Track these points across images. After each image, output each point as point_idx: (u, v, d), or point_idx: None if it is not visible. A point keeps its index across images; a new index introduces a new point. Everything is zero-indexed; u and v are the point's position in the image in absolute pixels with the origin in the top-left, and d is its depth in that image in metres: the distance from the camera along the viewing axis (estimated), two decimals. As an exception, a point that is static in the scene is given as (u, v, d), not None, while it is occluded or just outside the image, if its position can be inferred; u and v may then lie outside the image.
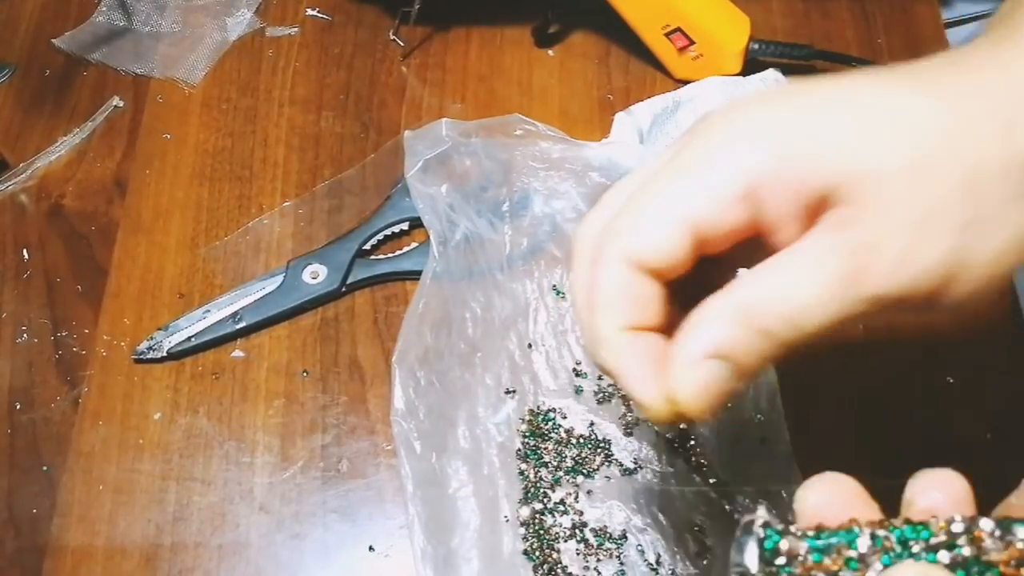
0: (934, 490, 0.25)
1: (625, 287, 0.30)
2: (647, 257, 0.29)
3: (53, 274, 0.54)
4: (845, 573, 0.24)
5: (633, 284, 0.30)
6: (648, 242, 0.29)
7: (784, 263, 0.28)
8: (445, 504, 0.46)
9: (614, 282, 0.30)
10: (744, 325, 0.28)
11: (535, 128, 0.56)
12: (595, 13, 0.58)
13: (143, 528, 0.47)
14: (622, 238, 0.30)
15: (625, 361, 0.30)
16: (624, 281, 0.30)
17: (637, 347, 0.30)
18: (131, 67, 0.61)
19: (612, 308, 0.30)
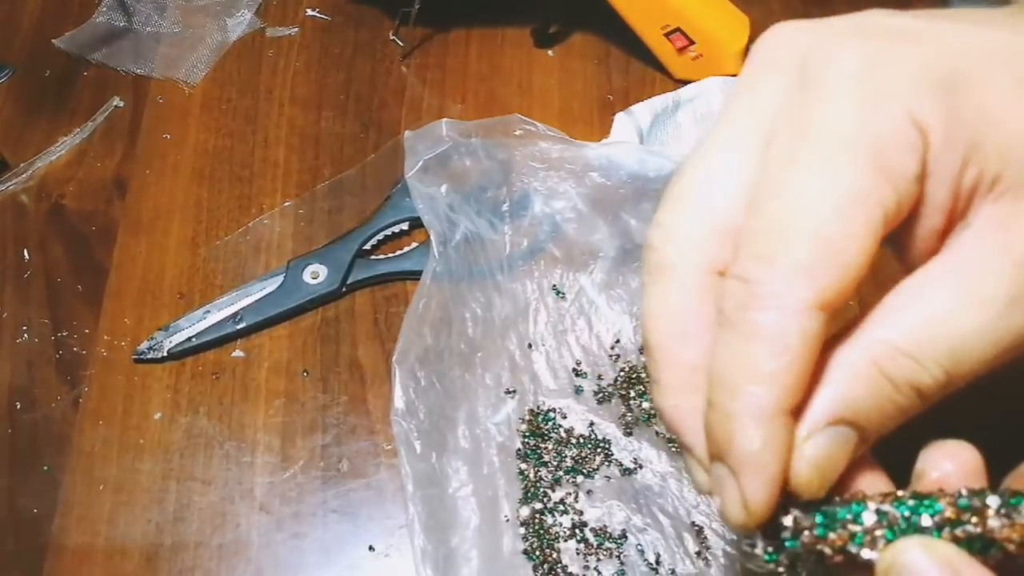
0: (946, 461, 0.24)
1: (809, 346, 0.21)
2: (842, 284, 0.20)
3: (53, 274, 0.54)
4: (851, 547, 0.24)
5: (817, 339, 0.21)
6: (841, 261, 0.20)
7: (931, 283, 0.21)
8: (445, 504, 0.46)
9: (796, 340, 0.21)
10: (880, 376, 0.21)
11: (535, 128, 0.56)
12: (595, 13, 0.58)
13: (143, 528, 0.47)
14: (799, 264, 0.20)
15: (775, 457, 0.22)
16: (809, 337, 0.21)
17: (788, 438, 0.22)
18: (131, 67, 0.61)
19: (782, 380, 0.21)
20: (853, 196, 0.20)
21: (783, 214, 0.21)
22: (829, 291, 0.20)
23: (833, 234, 0.20)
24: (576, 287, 0.53)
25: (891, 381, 0.21)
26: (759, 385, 0.21)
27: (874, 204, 0.20)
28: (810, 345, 0.21)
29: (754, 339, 0.21)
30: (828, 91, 0.21)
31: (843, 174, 0.20)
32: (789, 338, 0.20)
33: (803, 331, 0.21)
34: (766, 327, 0.21)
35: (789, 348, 0.21)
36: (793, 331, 0.21)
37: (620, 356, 0.51)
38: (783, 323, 0.20)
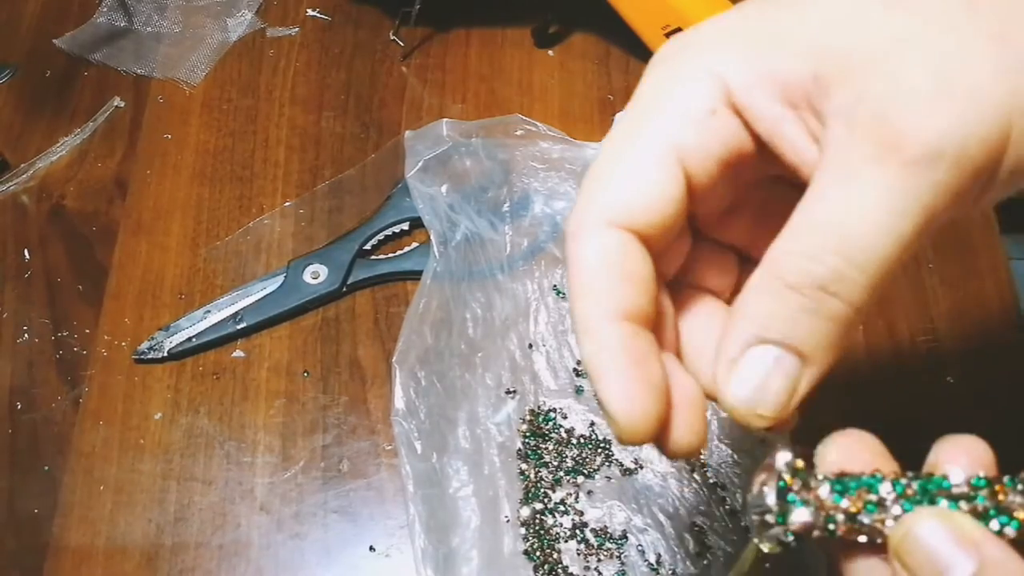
0: (959, 455, 0.24)
1: (611, 258, 0.24)
2: (637, 209, 0.24)
3: (54, 274, 0.54)
4: (864, 516, 0.23)
5: (621, 253, 0.24)
6: (634, 189, 0.24)
7: (812, 189, 0.22)
8: (446, 504, 0.46)
9: (597, 253, 0.24)
10: (783, 286, 0.22)
11: (535, 128, 0.56)
12: (595, 13, 0.58)
13: (144, 528, 0.47)
14: (604, 192, 0.24)
15: (609, 359, 0.24)
16: (612, 250, 0.24)
17: (626, 342, 0.24)
18: (132, 67, 0.61)
19: (596, 289, 0.24)
20: (642, 136, 0.24)
21: (594, 163, 0.25)
22: (618, 211, 0.24)
23: (621, 165, 0.24)
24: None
25: (795, 289, 0.22)
26: (578, 299, 0.24)
27: (664, 140, 0.24)
28: (611, 257, 0.24)
29: (568, 265, 0.25)
30: (652, 70, 0.26)
31: (638, 121, 0.24)
32: (585, 255, 0.24)
33: (599, 247, 0.24)
34: (570, 249, 0.25)
35: (586, 261, 0.24)
36: (587, 249, 0.24)
37: (620, 356, 0.51)
38: (581, 242, 0.24)
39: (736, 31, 0.24)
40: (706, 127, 0.24)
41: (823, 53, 0.22)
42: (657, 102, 0.25)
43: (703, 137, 0.24)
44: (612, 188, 0.24)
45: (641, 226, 0.24)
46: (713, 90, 0.24)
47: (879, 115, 0.21)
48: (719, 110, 0.24)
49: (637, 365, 0.24)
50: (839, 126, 0.22)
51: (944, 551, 0.22)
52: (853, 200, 0.21)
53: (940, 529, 0.22)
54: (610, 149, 0.25)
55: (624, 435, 0.24)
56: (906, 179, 0.21)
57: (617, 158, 0.25)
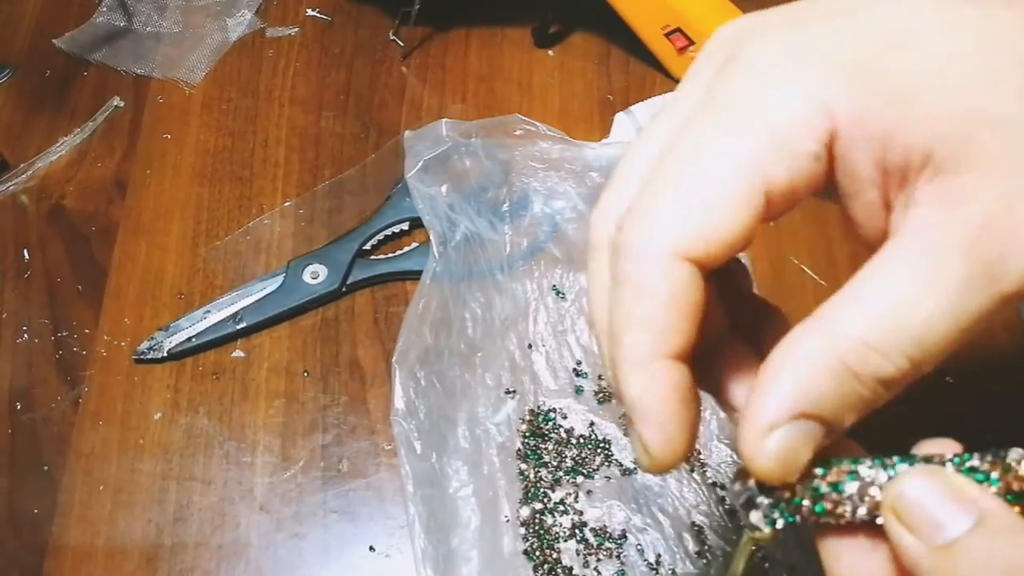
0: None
1: (679, 295, 0.22)
2: (712, 243, 0.21)
3: (54, 274, 0.54)
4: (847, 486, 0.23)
5: (689, 291, 0.22)
6: (713, 220, 0.21)
7: (887, 273, 0.21)
8: (445, 504, 0.46)
9: (664, 286, 0.22)
10: (844, 370, 0.21)
11: (535, 128, 0.56)
12: (595, 13, 0.58)
13: (143, 528, 0.47)
14: (674, 218, 0.22)
15: (659, 400, 0.23)
16: (678, 285, 0.22)
17: (677, 381, 0.23)
18: (132, 67, 0.61)
19: (657, 324, 0.22)
20: (731, 159, 0.21)
21: (662, 172, 0.22)
22: (694, 243, 0.21)
23: (703, 190, 0.21)
24: (576, 287, 0.53)
25: (856, 376, 0.21)
26: (631, 332, 0.22)
27: (755, 171, 0.21)
28: (678, 292, 0.22)
29: (623, 286, 0.22)
30: (737, 70, 0.22)
31: (727, 139, 0.21)
32: (652, 284, 0.22)
33: (666, 277, 0.22)
34: (629, 274, 0.22)
35: (653, 294, 0.22)
36: (655, 277, 0.22)
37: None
38: (644, 269, 0.22)
39: (853, 59, 0.21)
40: (802, 168, 0.21)
41: (943, 125, 0.20)
42: (750, 117, 0.22)
43: (795, 177, 0.21)
44: (690, 217, 0.22)
45: (712, 260, 0.22)
46: (820, 130, 0.21)
47: (988, 228, 0.20)
48: (822, 156, 0.21)
49: (684, 407, 0.23)
50: (937, 215, 0.21)
51: (941, 506, 0.21)
52: (938, 311, 0.21)
53: (934, 485, 0.21)
54: (687, 157, 0.22)
55: (653, 469, 0.23)
56: (991, 305, 0.21)
57: (696, 178, 0.22)
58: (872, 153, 0.21)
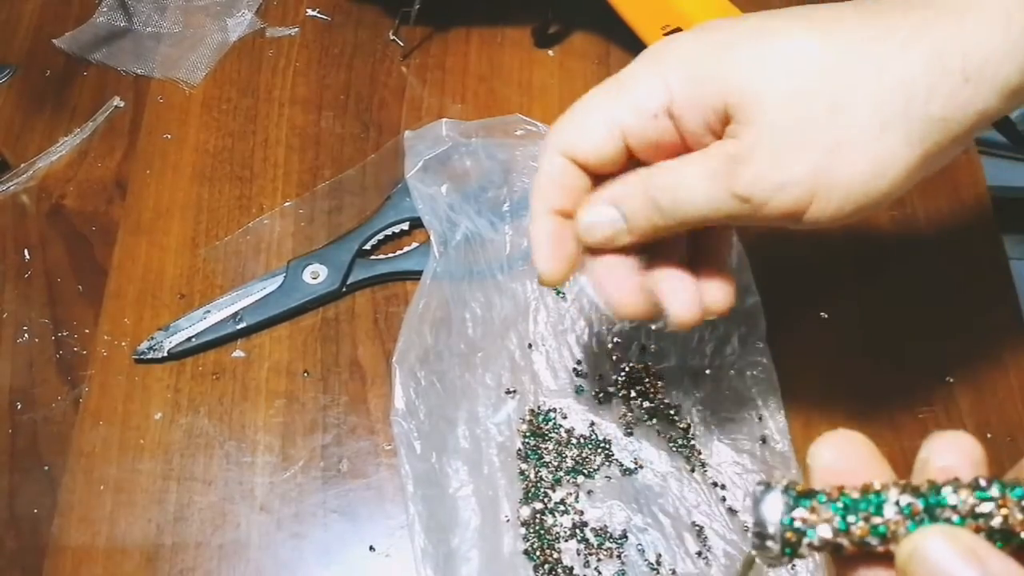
0: (950, 452, 0.25)
1: (558, 175, 0.37)
2: (579, 151, 0.36)
3: (54, 274, 0.54)
4: (872, 539, 0.24)
5: (564, 173, 0.37)
6: (580, 139, 0.36)
7: (682, 160, 0.34)
8: (445, 504, 0.46)
9: (549, 169, 0.37)
10: (641, 192, 0.35)
11: (535, 128, 0.56)
12: (595, 13, 0.58)
13: (144, 528, 0.47)
14: (562, 134, 0.36)
15: (540, 236, 0.37)
16: (558, 169, 0.37)
17: (554, 227, 0.37)
18: (132, 67, 0.61)
19: (544, 191, 0.37)
20: (603, 108, 0.36)
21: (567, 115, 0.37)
22: (567, 146, 0.36)
23: (584, 120, 0.36)
24: (576, 287, 0.52)
25: (644, 192, 0.35)
26: (532, 197, 0.38)
27: (613, 118, 0.35)
28: (556, 172, 0.37)
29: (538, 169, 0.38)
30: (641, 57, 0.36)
31: (604, 98, 0.36)
32: (545, 167, 0.37)
33: (552, 164, 0.37)
34: (540, 160, 0.37)
35: (545, 172, 0.37)
36: (547, 164, 0.37)
37: (620, 356, 0.51)
38: (544, 160, 0.37)
39: (696, 55, 0.34)
40: (646, 122, 0.35)
41: (731, 91, 0.33)
42: (623, 89, 0.35)
43: (641, 126, 0.35)
44: (570, 133, 0.36)
45: (580, 159, 0.36)
46: (661, 98, 0.34)
47: (734, 155, 0.33)
48: (659, 115, 0.34)
49: (558, 244, 0.37)
50: (718, 144, 0.34)
51: (950, 566, 0.23)
52: (697, 177, 0.34)
53: (946, 547, 0.23)
54: (581, 105, 0.36)
55: (544, 282, 0.38)
56: (726, 194, 0.33)
57: (582, 115, 0.36)
58: (699, 115, 0.34)
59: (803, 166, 0.32)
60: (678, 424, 0.49)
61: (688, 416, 0.49)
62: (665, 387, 0.50)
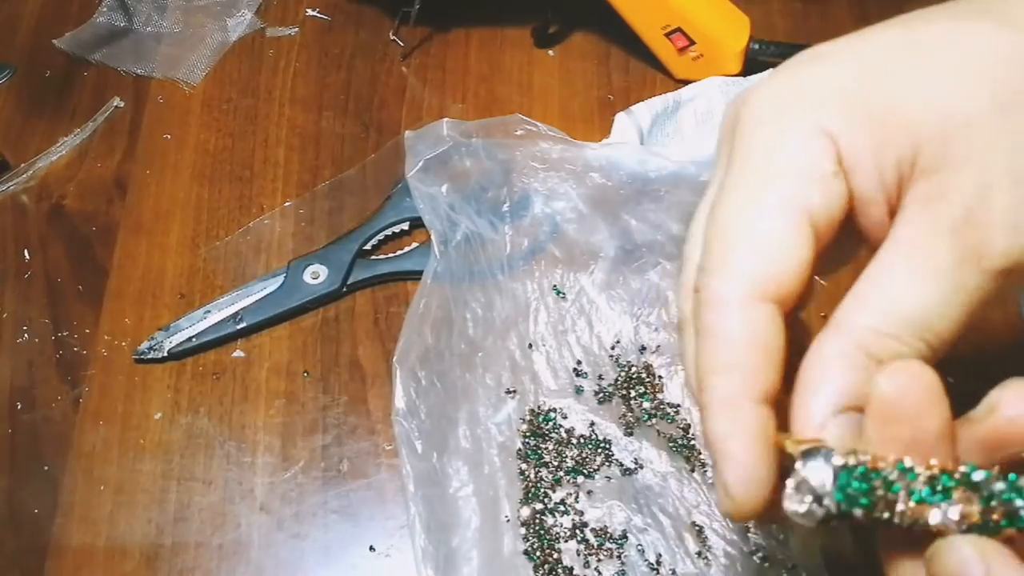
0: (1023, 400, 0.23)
1: (761, 336, 0.24)
2: (782, 279, 0.24)
3: (54, 274, 0.54)
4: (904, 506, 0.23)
5: (770, 331, 0.24)
6: (776, 255, 0.24)
7: (887, 269, 0.23)
8: (446, 504, 0.46)
9: (746, 329, 0.23)
10: (868, 360, 0.23)
11: (535, 128, 0.56)
12: (595, 13, 0.58)
13: (144, 528, 0.47)
14: (742, 262, 0.24)
15: (745, 440, 0.23)
16: (759, 327, 0.24)
17: (763, 426, 0.23)
18: (132, 67, 0.61)
19: (743, 367, 0.24)
20: (774, 200, 0.24)
21: (716, 231, 0.25)
22: (766, 283, 0.24)
23: (760, 234, 0.24)
24: (576, 287, 0.53)
25: (873, 358, 0.23)
26: (717, 375, 0.24)
27: (796, 205, 0.24)
28: (759, 334, 0.24)
29: (707, 336, 0.24)
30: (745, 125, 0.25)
31: (760, 188, 0.24)
32: (734, 330, 0.23)
33: (747, 322, 0.24)
34: (711, 323, 0.24)
35: (737, 339, 0.23)
36: (736, 322, 0.23)
37: (621, 356, 0.51)
38: (724, 316, 0.24)
39: (842, 87, 0.25)
40: (830, 188, 0.24)
41: (923, 132, 0.23)
42: (775, 162, 0.24)
43: (828, 198, 0.24)
44: (757, 257, 0.24)
45: (786, 297, 0.24)
46: (830, 150, 0.24)
47: (968, 218, 0.23)
48: (839, 171, 0.24)
49: (767, 451, 0.24)
50: (924, 212, 0.23)
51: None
52: (937, 295, 0.23)
53: (974, 558, 0.22)
54: (734, 210, 0.24)
55: (735, 515, 0.24)
56: (983, 283, 0.23)
57: (750, 222, 0.24)
58: (873, 163, 0.24)
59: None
60: (678, 424, 0.49)
61: (688, 416, 0.49)
62: (665, 387, 0.50)
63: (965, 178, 0.23)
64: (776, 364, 0.24)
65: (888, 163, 0.24)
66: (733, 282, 0.24)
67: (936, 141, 0.23)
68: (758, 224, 0.24)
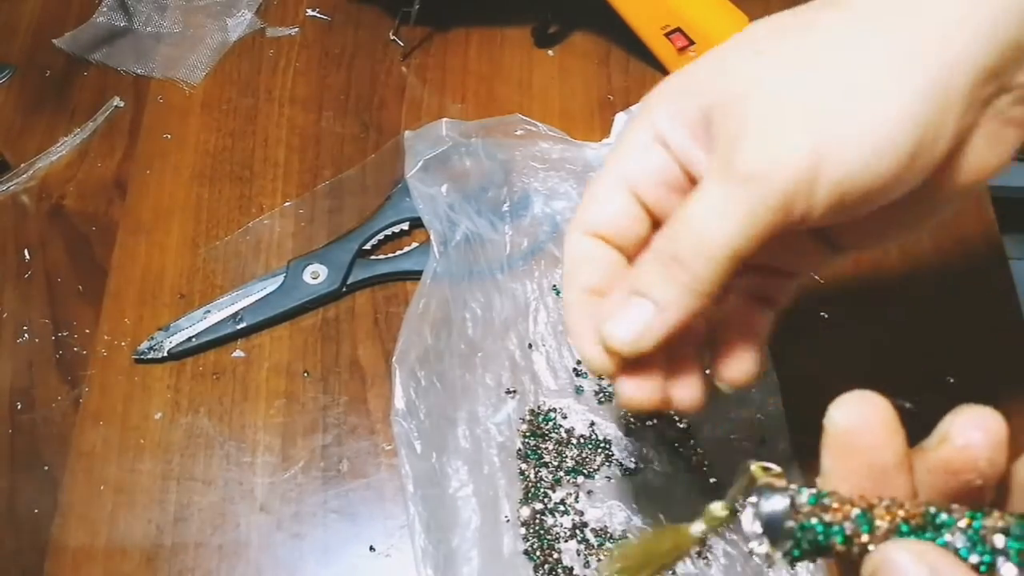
0: (974, 429, 0.25)
1: (582, 254, 0.34)
2: (596, 223, 0.33)
3: (54, 274, 0.54)
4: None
5: (589, 250, 0.34)
6: (596, 210, 0.33)
7: (692, 193, 0.30)
8: (445, 504, 0.46)
9: (573, 250, 0.34)
10: (662, 263, 0.30)
11: (535, 128, 0.56)
12: (595, 13, 0.58)
13: (144, 528, 0.47)
14: (580, 213, 0.34)
15: (575, 318, 0.33)
16: (581, 249, 0.34)
17: (589, 307, 0.33)
18: (132, 67, 0.61)
19: (571, 273, 0.34)
20: (605, 172, 0.34)
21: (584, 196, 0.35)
22: (589, 223, 0.33)
23: (594, 194, 0.34)
24: (576, 287, 0.52)
25: (658, 260, 0.31)
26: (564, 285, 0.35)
27: (615, 172, 0.33)
28: (582, 252, 0.34)
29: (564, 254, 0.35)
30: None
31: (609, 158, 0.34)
32: (569, 251, 0.34)
33: (576, 246, 0.34)
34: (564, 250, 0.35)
35: (569, 255, 0.34)
36: (570, 247, 0.34)
37: (620, 356, 0.51)
38: (567, 245, 0.34)
39: (671, 86, 0.33)
40: (642, 158, 0.33)
41: (710, 97, 0.31)
42: (617, 146, 0.34)
43: (641, 166, 0.33)
44: (586, 209, 0.34)
45: (604, 233, 0.33)
46: (648, 131, 0.32)
47: (726, 147, 0.29)
48: (650, 146, 0.32)
49: (589, 316, 0.33)
50: (709, 152, 0.31)
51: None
52: (702, 203, 0.30)
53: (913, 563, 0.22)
54: (594, 180, 0.34)
55: (596, 370, 0.33)
56: (732, 192, 0.29)
57: (594, 187, 0.34)
58: (682, 130, 0.32)
59: (799, 133, 0.29)
60: (678, 424, 0.49)
61: (688, 416, 0.49)
62: (665, 387, 0.50)
63: (731, 124, 0.30)
64: (598, 270, 0.33)
65: (693, 124, 0.31)
66: (575, 224, 0.34)
67: (718, 104, 0.30)
68: (592, 189, 0.34)
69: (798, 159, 0.28)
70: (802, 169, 0.28)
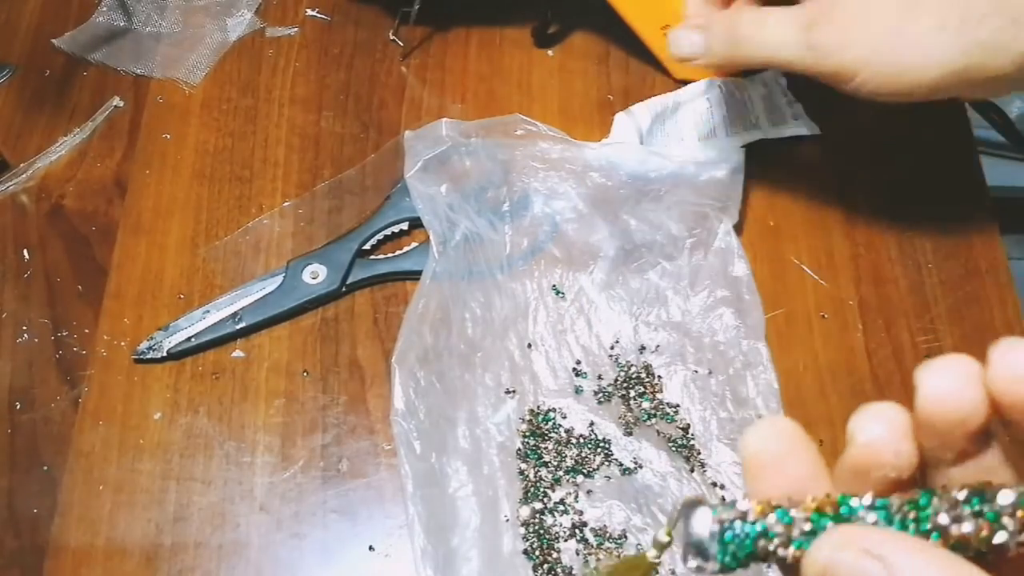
0: (874, 423, 0.25)
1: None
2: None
3: (53, 274, 0.54)
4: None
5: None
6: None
7: (766, 9, 0.43)
8: (445, 504, 0.46)
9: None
10: (726, 28, 0.44)
11: (535, 128, 0.56)
12: (595, 13, 0.58)
13: (143, 528, 0.47)
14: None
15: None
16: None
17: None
18: (131, 67, 0.61)
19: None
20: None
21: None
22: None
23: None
24: (576, 287, 0.53)
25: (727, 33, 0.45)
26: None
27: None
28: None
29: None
30: None
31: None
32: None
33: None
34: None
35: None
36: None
37: (620, 356, 0.51)
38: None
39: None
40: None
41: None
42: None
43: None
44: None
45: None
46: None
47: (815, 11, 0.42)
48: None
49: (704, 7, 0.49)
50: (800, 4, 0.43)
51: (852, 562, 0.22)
52: (777, 32, 0.42)
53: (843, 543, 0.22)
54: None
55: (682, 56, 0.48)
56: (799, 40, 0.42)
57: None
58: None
59: (868, 38, 0.40)
60: (677, 424, 0.49)
61: (688, 416, 0.49)
62: (664, 387, 0.50)
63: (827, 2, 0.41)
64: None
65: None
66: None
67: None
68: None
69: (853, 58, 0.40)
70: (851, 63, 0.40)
